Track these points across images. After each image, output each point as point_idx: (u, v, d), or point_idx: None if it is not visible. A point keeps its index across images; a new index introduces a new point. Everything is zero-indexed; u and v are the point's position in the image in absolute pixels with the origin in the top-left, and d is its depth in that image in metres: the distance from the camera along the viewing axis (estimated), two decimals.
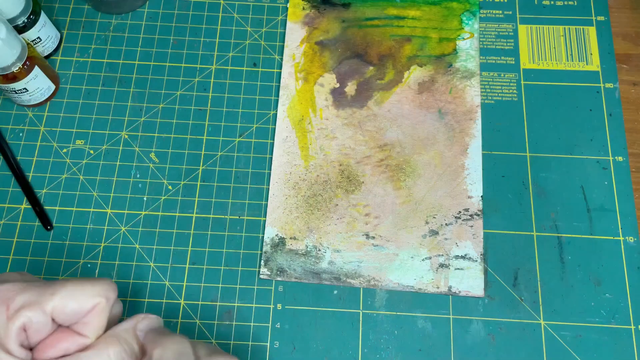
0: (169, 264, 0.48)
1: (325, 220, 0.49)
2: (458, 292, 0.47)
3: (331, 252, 0.48)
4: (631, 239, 0.48)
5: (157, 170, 0.51)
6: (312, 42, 0.55)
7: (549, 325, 0.46)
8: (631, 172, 0.51)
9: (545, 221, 0.49)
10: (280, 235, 0.48)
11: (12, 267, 0.47)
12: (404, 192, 0.50)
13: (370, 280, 0.47)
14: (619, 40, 0.55)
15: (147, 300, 0.47)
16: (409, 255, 0.48)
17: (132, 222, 0.49)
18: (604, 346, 0.45)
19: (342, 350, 0.45)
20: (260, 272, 0.47)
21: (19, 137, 0.52)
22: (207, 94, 0.54)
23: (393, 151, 0.51)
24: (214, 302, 0.47)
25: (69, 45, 0.55)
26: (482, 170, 0.50)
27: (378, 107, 0.53)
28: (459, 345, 0.46)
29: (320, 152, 0.51)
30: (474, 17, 0.56)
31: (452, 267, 0.47)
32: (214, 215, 0.49)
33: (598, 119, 0.52)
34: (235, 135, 0.52)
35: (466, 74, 0.54)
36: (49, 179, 0.50)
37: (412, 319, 0.46)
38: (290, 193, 0.50)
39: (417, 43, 0.55)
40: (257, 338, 0.46)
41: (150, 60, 0.55)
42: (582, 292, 0.47)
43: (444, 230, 0.49)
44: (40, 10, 0.51)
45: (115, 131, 0.52)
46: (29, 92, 0.50)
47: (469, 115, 0.52)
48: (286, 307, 0.47)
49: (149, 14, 0.56)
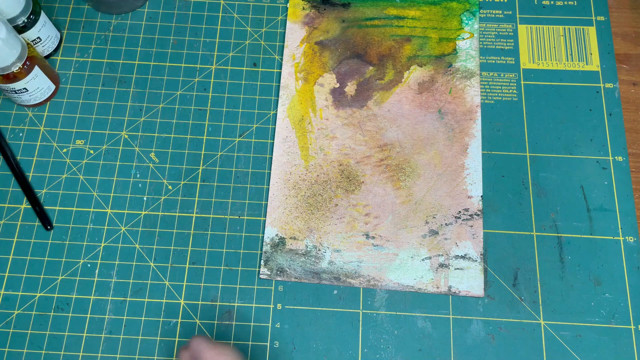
0: (169, 264, 0.48)
1: (325, 220, 0.49)
2: (458, 292, 0.47)
3: (331, 252, 0.48)
4: (631, 239, 0.48)
5: (157, 170, 0.51)
6: (312, 42, 0.55)
7: (548, 325, 0.46)
8: (631, 172, 0.51)
9: (545, 221, 0.49)
10: (280, 235, 0.48)
11: (12, 267, 0.47)
12: (404, 192, 0.50)
13: (370, 280, 0.47)
14: (619, 40, 0.55)
15: (147, 300, 0.47)
16: (409, 255, 0.48)
17: (132, 222, 0.49)
18: (604, 346, 0.45)
19: (342, 350, 0.45)
20: (260, 272, 0.47)
21: (19, 137, 0.52)
22: (207, 94, 0.54)
23: (393, 151, 0.51)
24: (214, 302, 0.47)
25: (69, 45, 0.55)
26: (482, 170, 0.50)
27: (378, 107, 0.53)
28: (459, 345, 0.46)
29: (320, 152, 0.51)
30: (474, 17, 0.56)
31: (452, 267, 0.47)
32: (214, 215, 0.49)
33: (598, 119, 0.52)
34: (235, 135, 0.52)
35: (466, 74, 0.54)
36: (49, 179, 0.50)
37: (412, 319, 0.46)
38: (290, 193, 0.50)
39: (417, 43, 0.55)
40: (257, 338, 0.46)
41: (150, 60, 0.55)
42: (582, 292, 0.47)
43: (444, 230, 0.49)
44: (40, 10, 0.51)
45: (115, 131, 0.52)
46: (29, 92, 0.50)
47: (469, 115, 0.52)
48: (286, 307, 0.47)
49: (149, 14, 0.56)
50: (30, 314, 0.46)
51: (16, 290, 0.47)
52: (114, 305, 0.47)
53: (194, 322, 0.46)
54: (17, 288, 0.47)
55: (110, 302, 0.47)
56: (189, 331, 0.46)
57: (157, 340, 0.46)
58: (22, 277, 0.47)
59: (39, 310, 0.46)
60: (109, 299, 0.47)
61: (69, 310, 0.46)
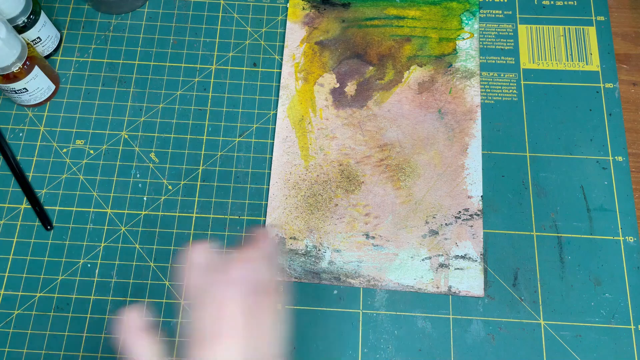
0: (169, 264, 0.48)
1: (325, 220, 0.49)
2: (458, 292, 0.47)
3: (331, 252, 0.48)
4: (631, 239, 0.48)
5: (157, 170, 0.51)
6: (312, 42, 0.55)
7: (548, 325, 0.46)
8: (631, 172, 0.51)
9: (545, 221, 0.49)
10: (280, 235, 0.48)
11: (12, 267, 0.47)
12: (404, 192, 0.50)
13: (370, 280, 0.47)
14: (619, 40, 0.55)
15: (147, 300, 0.47)
16: (409, 255, 0.48)
17: (132, 222, 0.49)
18: (604, 346, 0.45)
19: (342, 350, 0.45)
20: None
21: (19, 137, 0.52)
22: (207, 94, 0.54)
23: (393, 151, 0.51)
24: None
25: (69, 45, 0.55)
26: (482, 170, 0.50)
27: (378, 107, 0.53)
28: (459, 345, 0.46)
29: (320, 152, 0.51)
30: (474, 17, 0.56)
31: (452, 267, 0.47)
32: (214, 215, 0.49)
33: (598, 119, 0.52)
34: (235, 135, 0.52)
35: (466, 74, 0.54)
36: (49, 179, 0.50)
37: (412, 318, 0.46)
38: (290, 193, 0.50)
39: (417, 43, 0.55)
40: None
41: (150, 60, 0.55)
42: (582, 292, 0.47)
43: (444, 230, 0.49)
44: (40, 10, 0.51)
45: (115, 131, 0.52)
46: (29, 92, 0.50)
47: (469, 115, 0.52)
48: (286, 307, 0.47)
49: (149, 14, 0.56)
50: (30, 314, 0.46)
51: (16, 290, 0.47)
52: (114, 305, 0.46)
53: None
54: (17, 288, 0.47)
55: (110, 302, 0.47)
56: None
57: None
58: (22, 277, 0.47)
59: (39, 310, 0.46)
60: (109, 299, 0.47)
61: (69, 310, 0.46)
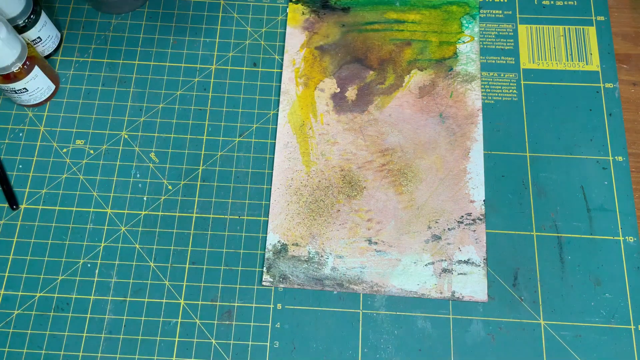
0: (169, 264, 0.48)
1: (327, 226, 0.49)
2: (461, 297, 0.46)
3: (334, 258, 0.48)
4: (631, 239, 0.48)
5: (157, 170, 0.51)
6: (312, 47, 0.55)
7: (548, 325, 0.46)
8: (631, 172, 0.51)
9: (545, 221, 0.49)
10: (282, 242, 0.48)
11: (12, 267, 0.47)
12: (406, 196, 0.50)
13: (373, 286, 0.47)
14: (619, 40, 0.56)
15: (147, 300, 0.47)
16: (412, 260, 0.48)
17: (132, 222, 0.49)
18: (604, 346, 0.45)
19: (342, 350, 0.45)
20: (262, 279, 0.47)
21: (19, 137, 0.52)
22: (207, 94, 0.54)
23: (394, 156, 0.51)
24: (214, 302, 0.47)
25: (69, 45, 0.55)
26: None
27: (379, 112, 0.53)
28: (459, 345, 0.46)
29: (321, 158, 0.51)
30: (474, 20, 0.56)
31: (455, 272, 0.47)
32: (214, 215, 0.49)
33: (598, 119, 0.52)
34: (235, 135, 0.52)
35: (467, 77, 0.54)
36: (49, 178, 0.50)
37: (412, 319, 0.46)
38: (292, 199, 0.50)
39: (417, 47, 0.55)
40: (257, 338, 0.46)
41: (150, 60, 0.55)
42: (582, 292, 0.47)
43: (447, 235, 0.48)
44: (40, 10, 0.51)
45: (115, 131, 0.52)
46: (29, 92, 0.50)
47: (470, 119, 0.52)
48: (286, 307, 0.47)
49: (149, 14, 0.56)
50: (30, 314, 0.46)
51: (16, 290, 0.47)
52: (114, 305, 0.46)
53: (194, 322, 0.46)
54: (17, 288, 0.47)
55: (110, 302, 0.47)
56: (189, 331, 0.46)
57: (157, 340, 0.46)
58: (22, 277, 0.47)
59: (39, 310, 0.46)
60: (109, 299, 0.47)
61: (69, 310, 0.46)
